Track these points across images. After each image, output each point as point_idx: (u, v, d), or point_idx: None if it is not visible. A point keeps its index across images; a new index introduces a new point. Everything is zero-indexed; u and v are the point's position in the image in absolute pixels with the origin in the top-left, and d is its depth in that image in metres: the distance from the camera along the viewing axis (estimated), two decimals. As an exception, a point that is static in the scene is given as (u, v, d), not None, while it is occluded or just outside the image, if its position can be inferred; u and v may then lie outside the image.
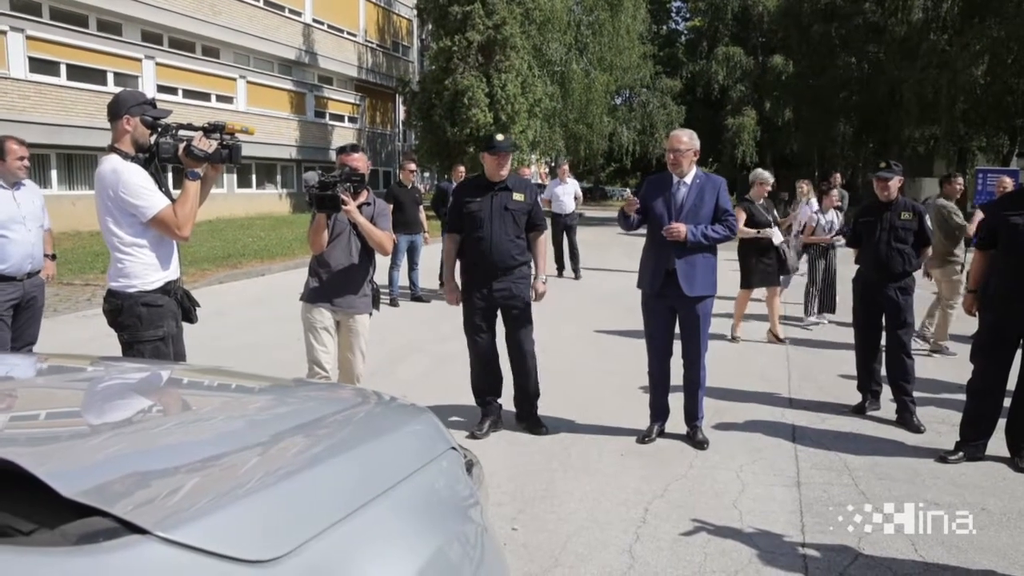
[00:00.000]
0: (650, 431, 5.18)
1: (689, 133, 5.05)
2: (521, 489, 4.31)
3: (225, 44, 26.11)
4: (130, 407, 1.93)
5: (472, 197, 5.10)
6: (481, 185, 5.16)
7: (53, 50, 19.43)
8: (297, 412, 1.84)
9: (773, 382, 6.73)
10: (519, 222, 5.08)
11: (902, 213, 5.73)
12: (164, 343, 3.76)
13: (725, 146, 39.89)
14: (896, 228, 5.69)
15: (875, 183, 5.86)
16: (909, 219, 5.71)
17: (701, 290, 4.91)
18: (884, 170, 5.79)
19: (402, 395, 5.74)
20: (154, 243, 3.70)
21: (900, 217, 5.71)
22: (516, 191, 5.10)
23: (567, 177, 14.02)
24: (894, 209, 5.75)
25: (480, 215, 5.02)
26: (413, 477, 1.63)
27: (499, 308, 5.19)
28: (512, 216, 5.04)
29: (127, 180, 3.55)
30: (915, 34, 29.31)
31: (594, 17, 37.40)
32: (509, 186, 5.09)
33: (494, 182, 5.09)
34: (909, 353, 5.68)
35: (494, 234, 4.99)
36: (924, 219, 5.83)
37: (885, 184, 5.74)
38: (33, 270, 5.30)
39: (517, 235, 5.08)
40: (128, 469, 1.34)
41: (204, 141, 3.70)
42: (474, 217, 5.04)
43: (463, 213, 5.10)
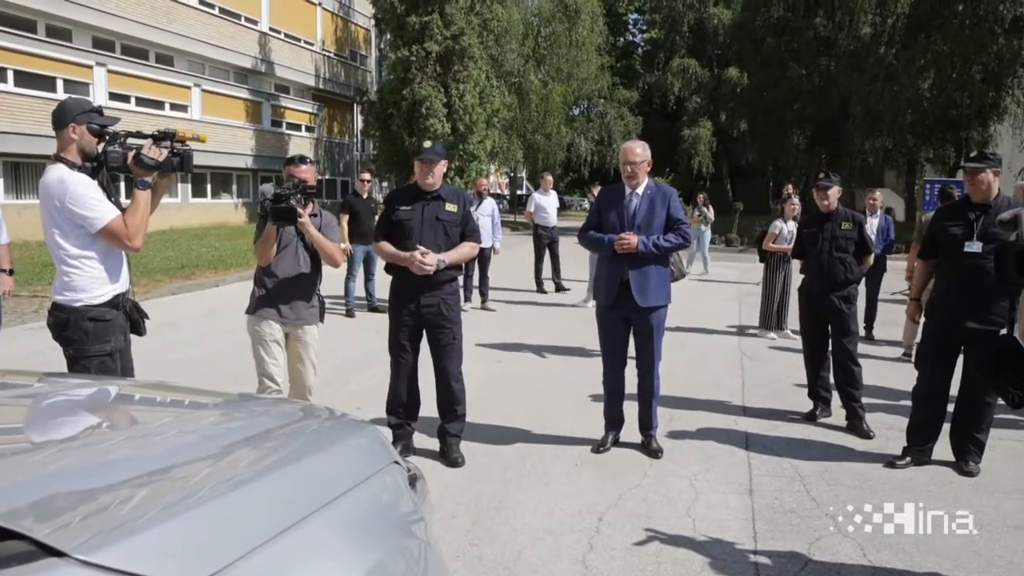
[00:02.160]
0: (605, 440, 5.18)
1: (642, 145, 5.09)
2: (475, 500, 4.28)
3: (179, 52, 25.75)
4: (64, 425, 1.87)
5: (403, 205, 4.85)
6: (413, 194, 4.91)
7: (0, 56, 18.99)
8: (236, 428, 1.80)
9: (727, 390, 6.79)
10: (451, 234, 4.82)
11: (842, 223, 5.85)
12: (111, 358, 3.66)
13: (681, 157, 40.26)
14: (837, 238, 5.80)
15: (815, 193, 5.98)
16: (849, 229, 5.83)
17: (654, 300, 4.94)
18: (823, 179, 5.92)
19: (355, 408, 5.69)
20: (102, 255, 3.60)
21: (840, 227, 5.83)
22: (449, 201, 4.85)
23: (551, 188, 13.22)
24: (834, 219, 5.87)
25: (410, 224, 4.76)
26: (353, 492, 1.59)
27: (426, 327, 4.88)
28: (444, 227, 4.79)
29: (74, 191, 3.45)
30: (864, 48, 29.90)
31: (552, 28, 37.72)
32: (442, 196, 4.85)
33: (425, 191, 4.83)
34: (855, 360, 5.76)
35: (424, 244, 4.69)
36: (864, 229, 5.94)
37: (824, 193, 5.86)
38: None
39: (448, 247, 4.78)
40: (53, 489, 1.30)
41: (154, 149, 3.61)
42: (403, 226, 4.77)
43: (392, 222, 4.83)
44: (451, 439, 4.95)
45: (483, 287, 11.39)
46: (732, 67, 39.36)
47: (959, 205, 5.02)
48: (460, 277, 4.98)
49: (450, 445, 4.94)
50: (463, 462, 4.86)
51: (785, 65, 32.74)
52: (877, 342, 8.89)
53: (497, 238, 11.38)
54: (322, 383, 6.64)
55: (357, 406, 5.75)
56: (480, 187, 11.75)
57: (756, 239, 11.17)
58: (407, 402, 4.99)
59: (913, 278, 5.56)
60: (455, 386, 4.96)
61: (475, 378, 6.13)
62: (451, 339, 4.88)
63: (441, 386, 4.97)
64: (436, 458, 4.89)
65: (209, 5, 27.00)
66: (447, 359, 4.90)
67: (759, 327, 9.61)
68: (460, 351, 5.00)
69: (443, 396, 4.98)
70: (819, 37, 32.23)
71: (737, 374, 7.45)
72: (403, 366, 4.93)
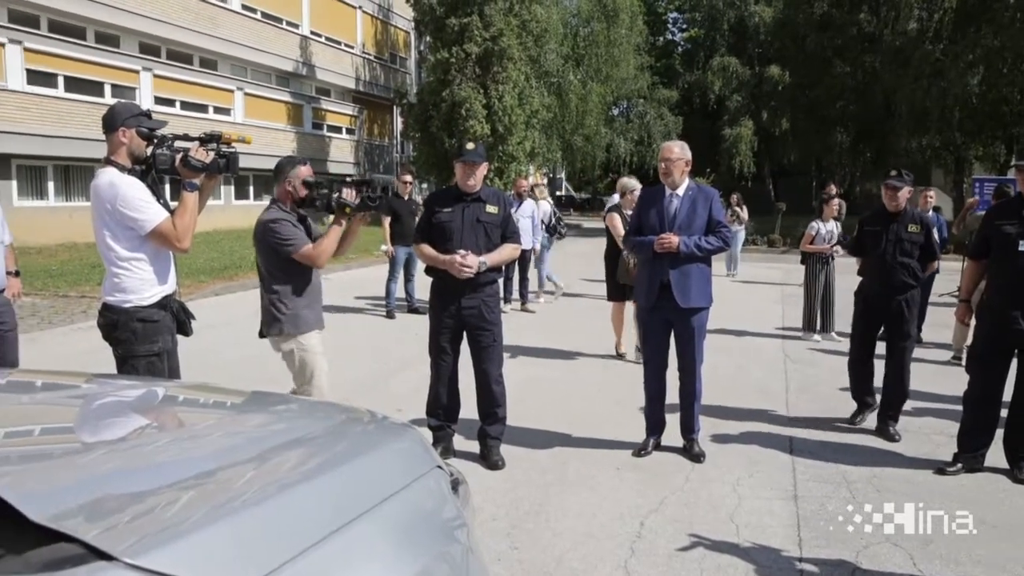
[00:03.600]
0: (646, 444, 5.14)
1: (680, 144, 5.04)
2: (516, 503, 4.27)
3: (223, 56, 26.15)
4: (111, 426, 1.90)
5: (443, 207, 4.82)
6: (453, 195, 4.88)
7: (51, 62, 19.46)
8: (280, 430, 1.81)
9: (771, 394, 6.70)
10: (491, 235, 4.80)
11: (909, 225, 5.52)
12: (159, 358, 3.73)
13: (722, 156, 39.87)
14: (902, 240, 5.48)
15: (884, 191, 5.62)
16: (916, 232, 5.51)
17: (696, 301, 4.89)
18: (895, 178, 5.52)
19: (396, 409, 5.72)
20: (151, 257, 3.67)
21: (907, 229, 5.50)
22: (489, 203, 4.84)
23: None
24: (901, 220, 5.54)
25: (450, 226, 4.74)
26: (397, 496, 1.59)
27: (466, 329, 4.86)
28: (484, 229, 4.77)
29: (125, 193, 3.53)
30: (909, 44, 29.35)
31: (591, 28, 37.65)
32: (482, 198, 4.83)
33: (466, 193, 4.81)
34: (908, 366, 5.58)
35: (465, 247, 4.68)
36: (932, 233, 5.64)
37: (894, 193, 5.50)
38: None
39: (488, 249, 4.76)
40: (103, 491, 1.31)
41: (201, 152, 3.68)
42: (444, 228, 4.75)
43: (432, 224, 4.82)
44: (491, 442, 4.94)
45: (523, 288, 11.36)
46: (774, 65, 38.86)
47: (1013, 203, 4.88)
48: (500, 279, 4.94)
49: (490, 448, 4.92)
50: (503, 465, 4.84)
51: (828, 62, 32.32)
52: (926, 345, 8.70)
53: (537, 239, 11.32)
54: (363, 385, 6.73)
55: (398, 408, 5.77)
56: (520, 188, 11.63)
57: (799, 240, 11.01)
58: (447, 404, 4.99)
59: (963, 279, 5.39)
60: (495, 388, 4.95)
61: (515, 380, 6.12)
62: (492, 341, 4.87)
63: (481, 388, 4.96)
64: (476, 460, 4.89)
65: (251, 9, 27.38)
66: (488, 361, 4.89)
67: (802, 329, 9.47)
68: (501, 353, 5.00)
69: (483, 398, 4.97)
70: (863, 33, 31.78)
71: (780, 377, 7.35)
72: (443, 368, 4.94)
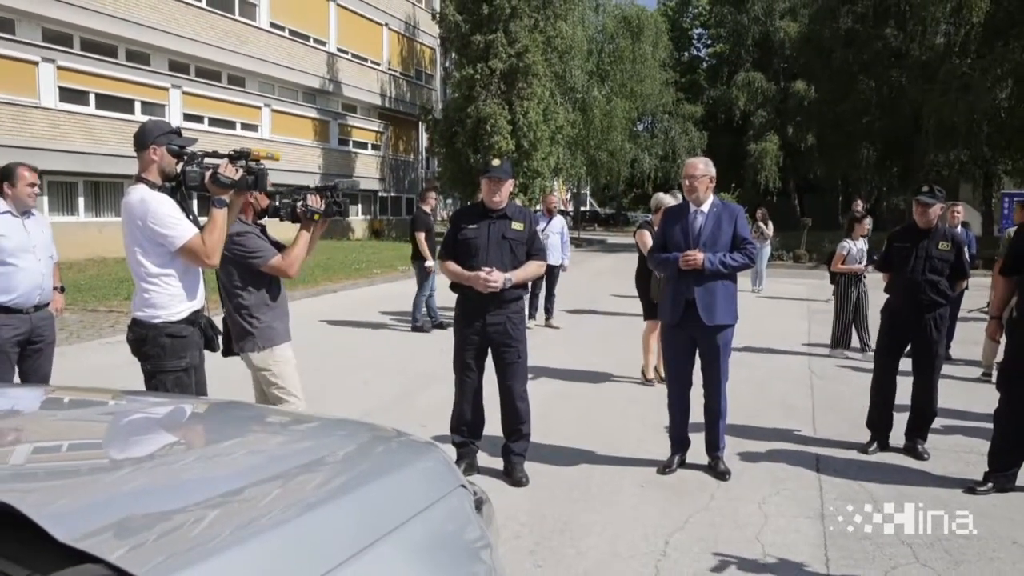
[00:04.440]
0: (671, 462, 5.10)
1: (705, 160, 5.02)
2: (540, 520, 4.24)
3: (250, 73, 26.47)
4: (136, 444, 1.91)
5: (468, 224, 4.83)
6: (478, 212, 4.89)
7: (83, 80, 19.82)
8: (304, 449, 1.81)
9: (796, 411, 6.63)
10: (517, 252, 4.78)
11: (940, 243, 5.37)
12: (187, 374, 3.77)
13: (748, 172, 39.69)
14: (932, 258, 5.34)
15: (915, 207, 5.46)
16: (947, 250, 5.36)
17: (721, 319, 4.85)
18: (926, 194, 5.38)
19: (420, 426, 5.72)
20: (180, 273, 3.71)
21: (938, 247, 5.35)
22: (515, 219, 4.82)
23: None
24: (932, 237, 5.39)
25: (476, 243, 4.73)
26: (421, 516, 1.59)
27: (491, 345, 4.85)
28: (510, 245, 4.75)
29: (156, 210, 3.57)
30: (937, 58, 29.10)
31: (616, 45, 37.78)
32: (508, 214, 4.81)
33: (492, 209, 4.81)
34: (935, 387, 5.48)
35: (490, 263, 4.66)
36: (963, 251, 5.52)
37: (925, 210, 5.36)
38: (41, 302, 4.95)
39: (514, 266, 4.74)
40: (131, 511, 1.32)
41: (230, 168, 3.71)
42: (469, 244, 4.75)
43: (458, 240, 4.82)
44: (515, 458, 4.92)
45: (548, 304, 11.31)
46: (799, 80, 38.69)
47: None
48: (526, 295, 4.93)
49: (514, 464, 4.90)
50: (527, 482, 4.82)
51: (854, 77, 32.09)
52: (955, 361, 8.57)
53: (566, 255, 11.31)
54: (388, 400, 6.74)
55: (422, 424, 5.77)
56: (550, 204, 11.58)
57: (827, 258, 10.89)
58: (472, 420, 4.97)
59: (994, 295, 5.29)
60: (520, 405, 4.92)
61: (539, 397, 6.10)
62: (516, 357, 4.85)
63: (506, 405, 4.94)
64: (500, 477, 4.87)
65: (279, 27, 27.71)
66: (512, 378, 4.87)
67: (830, 347, 9.35)
68: (525, 370, 4.98)
69: (508, 415, 4.94)
70: (889, 48, 31.51)
71: (807, 395, 7.27)
72: (468, 384, 4.93)
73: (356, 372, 7.87)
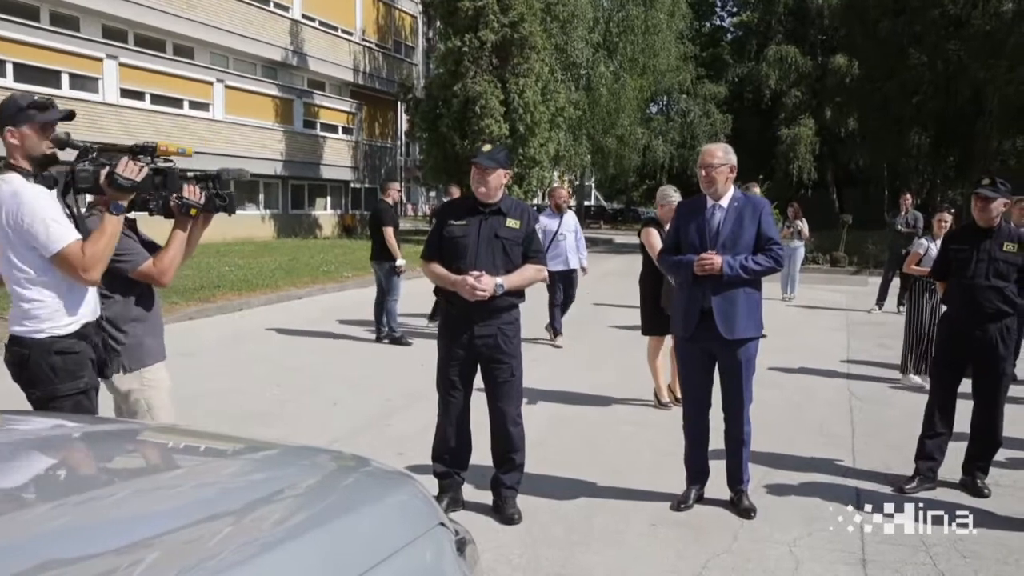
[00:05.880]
0: (687, 496, 5.11)
1: (724, 147, 5.03)
2: (534, 564, 4.25)
3: (200, 42, 26.51)
4: (63, 476, 1.91)
5: (456, 220, 4.77)
6: (468, 207, 4.83)
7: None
8: (259, 481, 1.82)
9: (834, 439, 6.65)
10: (511, 254, 4.72)
11: (1004, 243, 5.34)
12: (87, 396, 3.53)
13: (778, 161, 39.81)
14: (996, 260, 5.30)
15: (974, 202, 5.45)
16: (1013, 252, 5.33)
17: (743, 332, 4.84)
18: (987, 187, 5.34)
19: (397, 453, 5.73)
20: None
21: (1002, 248, 5.32)
22: (510, 216, 4.76)
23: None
24: (995, 237, 5.37)
25: (464, 242, 4.67)
26: (393, 559, 1.60)
27: (480, 361, 4.82)
28: (503, 246, 4.70)
29: (30, 204, 3.33)
30: (1003, 28, 29.07)
31: (625, 13, 37.80)
32: (502, 210, 4.75)
33: (484, 204, 4.75)
34: (1000, 409, 5.44)
35: (479, 266, 4.60)
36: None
37: (986, 205, 5.33)
38: None
39: (507, 269, 4.69)
40: (49, 554, 1.32)
41: (131, 167, 3.49)
42: (456, 244, 4.69)
43: (444, 238, 4.77)
44: (506, 492, 4.91)
45: (562, 313, 11.07)
46: (839, 55, 38.79)
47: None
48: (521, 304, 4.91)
49: (505, 499, 4.90)
50: (520, 519, 4.82)
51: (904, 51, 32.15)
52: (1022, 382, 8.60)
53: (583, 256, 11.18)
54: (361, 424, 6.74)
55: (399, 451, 5.78)
56: (559, 199, 11.45)
57: (899, 260, 10.66)
58: (456, 447, 4.96)
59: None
60: (512, 430, 4.91)
61: (534, 421, 6.12)
62: (509, 376, 4.84)
63: (496, 430, 4.94)
64: (489, 513, 4.88)
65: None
66: (504, 399, 4.87)
67: (901, 370, 9.03)
68: (520, 390, 4.98)
69: (498, 442, 4.94)
70: (947, 16, 31.56)
71: (846, 419, 7.29)
72: (453, 406, 4.91)
73: (323, 391, 7.87)
